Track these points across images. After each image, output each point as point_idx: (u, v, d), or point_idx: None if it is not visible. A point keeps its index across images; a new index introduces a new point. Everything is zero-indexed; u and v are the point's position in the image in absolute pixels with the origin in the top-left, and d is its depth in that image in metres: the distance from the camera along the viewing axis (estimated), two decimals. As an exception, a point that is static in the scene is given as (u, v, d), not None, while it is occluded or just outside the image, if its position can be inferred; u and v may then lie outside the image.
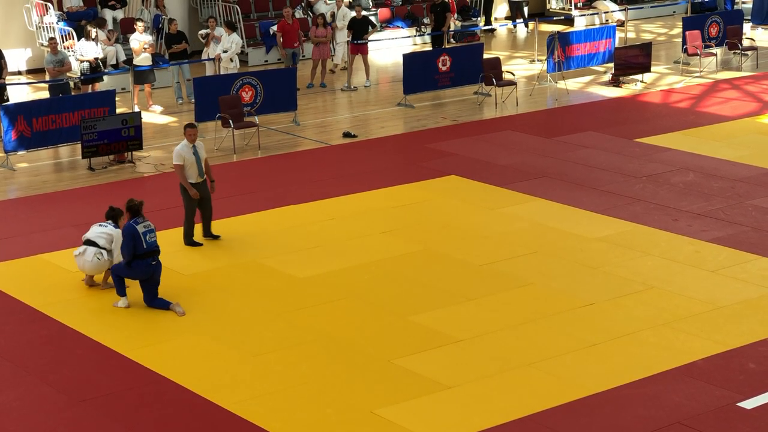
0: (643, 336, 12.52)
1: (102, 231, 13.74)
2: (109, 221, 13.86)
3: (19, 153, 19.38)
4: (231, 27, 23.33)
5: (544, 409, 10.90)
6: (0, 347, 12.36)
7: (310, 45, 25.29)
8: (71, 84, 22.31)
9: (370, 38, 25.20)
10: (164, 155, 19.76)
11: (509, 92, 23.58)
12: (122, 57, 23.49)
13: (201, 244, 15.37)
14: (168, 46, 23.46)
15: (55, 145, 19.73)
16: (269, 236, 15.69)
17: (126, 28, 25.18)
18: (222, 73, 22.53)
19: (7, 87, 21.45)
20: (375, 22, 26.95)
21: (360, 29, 24.98)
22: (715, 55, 26.28)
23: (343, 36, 25.24)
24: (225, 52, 22.86)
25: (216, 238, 15.54)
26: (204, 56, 23.59)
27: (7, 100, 20.95)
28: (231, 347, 12.33)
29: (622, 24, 29.12)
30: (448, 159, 19.25)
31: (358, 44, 24.87)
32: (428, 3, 28.54)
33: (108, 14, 25.62)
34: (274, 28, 25.13)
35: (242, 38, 26.67)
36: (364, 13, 25.75)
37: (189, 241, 15.39)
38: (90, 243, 13.68)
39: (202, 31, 23.88)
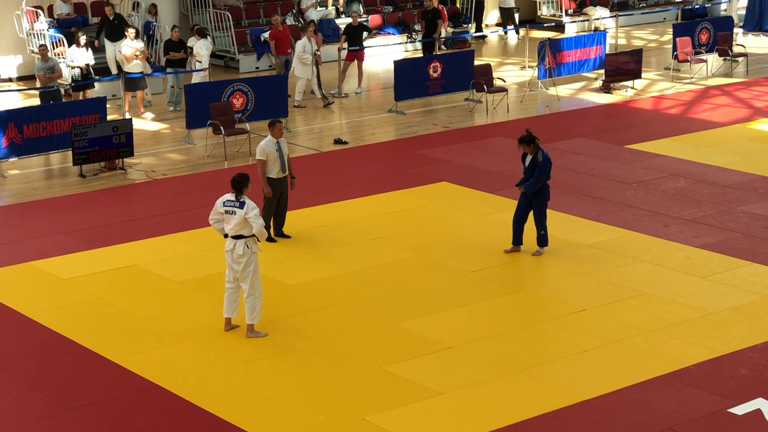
0: (635, 342, 12.53)
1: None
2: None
3: (10, 160, 19.34)
4: (200, 33, 23.29)
5: (535, 415, 10.89)
6: (-10, 355, 12.35)
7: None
8: (62, 91, 22.27)
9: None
10: (155, 162, 19.74)
11: (500, 99, 23.59)
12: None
13: (285, 238, 15.68)
14: (166, 52, 23.41)
15: (46, 152, 19.68)
16: (260, 243, 15.64)
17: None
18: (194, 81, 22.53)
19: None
20: (370, 28, 26.92)
21: (355, 36, 24.99)
22: (706, 61, 26.33)
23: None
24: (199, 62, 22.90)
25: (287, 237, 15.72)
26: (189, 66, 23.57)
27: None
28: (222, 354, 12.30)
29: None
30: (439, 165, 19.25)
31: (354, 50, 24.87)
32: (419, 10, 28.55)
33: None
34: (266, 35, 25.08)
35: (233, 44, 26.71)
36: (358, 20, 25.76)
37: (273, 234, 15.59)
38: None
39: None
